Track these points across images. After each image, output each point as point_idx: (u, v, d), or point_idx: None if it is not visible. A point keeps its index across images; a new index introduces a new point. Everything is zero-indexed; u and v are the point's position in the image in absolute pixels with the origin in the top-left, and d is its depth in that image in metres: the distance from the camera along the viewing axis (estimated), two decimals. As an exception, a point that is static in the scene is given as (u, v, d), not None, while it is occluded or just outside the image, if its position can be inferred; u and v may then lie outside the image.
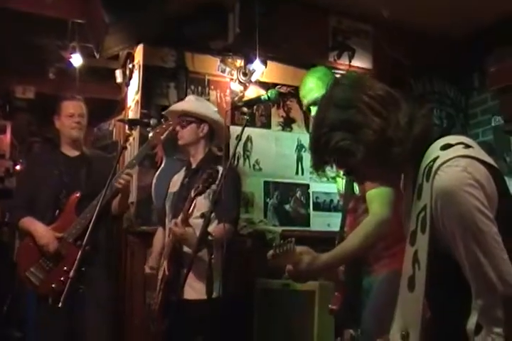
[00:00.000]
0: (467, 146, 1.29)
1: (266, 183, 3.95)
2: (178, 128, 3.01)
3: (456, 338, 1.22)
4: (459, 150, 1.28)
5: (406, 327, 1.31)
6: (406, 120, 1.34)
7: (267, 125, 4.11)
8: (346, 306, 2.34)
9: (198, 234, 2.52)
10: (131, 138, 3.54)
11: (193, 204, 2.63)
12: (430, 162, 1.29)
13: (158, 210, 3.46)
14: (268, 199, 3.91)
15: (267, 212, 3.94)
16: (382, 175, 1.44)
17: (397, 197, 2.16)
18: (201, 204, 2.73)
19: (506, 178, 4.00)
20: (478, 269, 1.19)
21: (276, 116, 4.16)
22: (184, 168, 3.11)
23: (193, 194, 2.59)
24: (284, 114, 4.18)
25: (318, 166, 1.43)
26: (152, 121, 3.25)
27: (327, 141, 1.35)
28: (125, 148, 3.10)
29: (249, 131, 3.97)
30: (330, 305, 2.38)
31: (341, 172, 1.49)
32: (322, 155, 1.39)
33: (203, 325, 2.64)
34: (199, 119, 2.97)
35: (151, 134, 3.20)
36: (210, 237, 2.47)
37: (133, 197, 3.56)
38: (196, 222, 2.67)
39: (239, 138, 2.65)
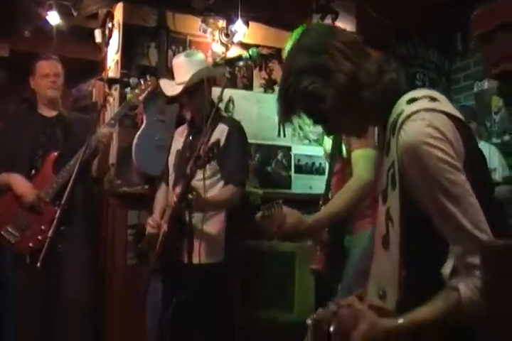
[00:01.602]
0: (433, 99, 1.29)
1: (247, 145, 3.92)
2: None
3: (433, 294, 1.23)
4: (424, 103, 1.27)
5: (383, 286, 1.32)
6: (375, 67, 1.33)
7: (248, 87, 4.08)
8: (329, 266, 2.36)
9: (204, 194, 2.51)
10: (110, 99, 3.49)
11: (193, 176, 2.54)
12: (396, 117, 1.28)
13: (141, 170, 3.44)
14: (249, 161, 3.89)
15: (248, 174, 3.90)
16: (353, 124, 1.42)
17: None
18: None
19: (486, 143, 4.04)
20: (451, 219, 1.20)
21: (259, 78, 4.12)
22: (187, 123, 3.03)
23: (192, 166, 2.49)
24: (266, 76, 4.14)
25: (287, 115, 1.40)
26: (132, 81, 3.20)
27: (296, 86, 1.33)
28: (104, 106, 3.06)
29: (231, 92, 3.93)
30: (312, 265, 2.40)
31: (327, 134, 1.47)
32: (291, 101, 1.36)
33: (198, 289, 2.62)
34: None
35: (130, 94, 3.16)
36: (190, 195, 2.44)
37: (113, 158, 3.52)
38: (199, 184, 2.58)
39: (219, 98, 2.62)
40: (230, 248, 2.84)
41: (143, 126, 3.54)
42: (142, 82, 3.17)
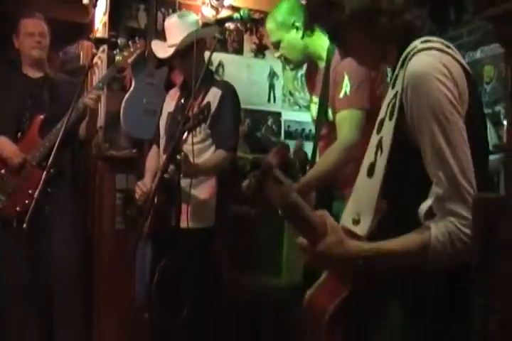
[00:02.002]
0: (448, 47, 1.28)
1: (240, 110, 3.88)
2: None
3: (406, 230, 1.23)
4: (439, 45, 1.27)
5: (359, 212, 1.32)
6: (402, 1, 1.32)
7: (239, 51, 4.01)
8: None
9: (193, 160, 2.47)
10: (98, 61, 3.42)
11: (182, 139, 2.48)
12: (408, 51, 1.27)
13: (129, 134, 3.41)
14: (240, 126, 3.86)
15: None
16: (366, 50, 1.40)
17: (368, 119, 2.14)
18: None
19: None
20: (440, 158, 1.19)
21: (249, 43, 4.05)
22: (179, 86, 2.99)
23: (181, 128, 2.43)
24: (257, 41, 4.08)
25: (310, 23, 1.50)
26: (120, 41, 3.14)
27: None
28: (91, 67, 2.99)
29: (220, 56, 3.88)
30: None
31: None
32: (314, 7, 1.40)
33: (188, 253, 2.62)
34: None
35: (118, 57, 3.09)
36: (178, 156, 2.41)
37: (101, 122, 3.48)
38: (190, 148, 2.52)
39: (208, 61, 2.57)
40: (220, 213, 2.82)
41: (131, 89, 3.48)
42: (131, 44, 3.10)
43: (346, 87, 2.22)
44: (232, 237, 3.42)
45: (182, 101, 2.88)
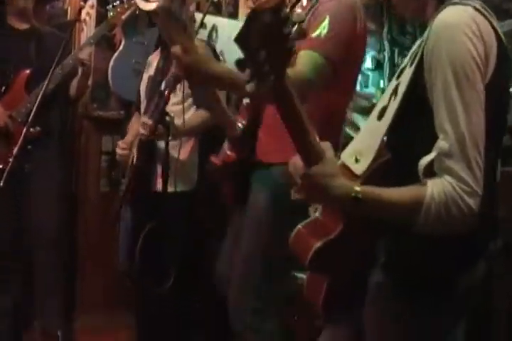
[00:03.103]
0: (484, 9, 1.22)
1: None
2: None
3: (411, 181, 1.18)
4: (477, 4, 1.21)
5: (361, 152, 1.27)
6: None
7: (234, 15, 3.89)
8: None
9: (177, 121, 2.40)
10: (87, 17, 3.28)
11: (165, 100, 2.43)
12: (443, 5, 1.23)
13: (117, 94, 3.32)
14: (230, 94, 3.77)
15: (229, 107, 3.80)
16: None
17: (334, 74, 1.94)
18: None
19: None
20: (450, 110, 1.14)
21: (245, 7, 3.91)
22: (160, 48, 2.88)
23: (163, 87, 2.40)
24: (253, 5, 3.95)
25: None
26: (110, -4, 3.01)
27: None
28: (78, 20, 2.89)
29: (215, 20, 3.74)
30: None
31: None
32: None
33: (168, 217, 2.58)
34: None
35: (112, 12, 2.97)
36: (167, 118, 2.34)
37: (88, 80, 3.36)
38: (173, 109, 2.49)
39: (201, 24, 2.48)
40: (202, 176, 2.78)
41: (120, 48, 3.38)
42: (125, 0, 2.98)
43: (324, 29, 1.94)
44: (216, 201, 3.38)
45: (162, 63, 2.79)
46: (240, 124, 2.20)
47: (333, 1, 1.95)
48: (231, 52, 3.78)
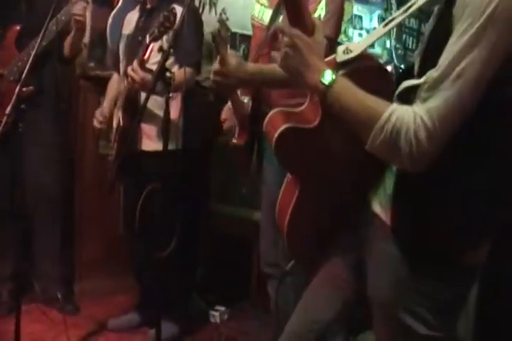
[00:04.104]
0: None
1: (232, 34, 3.61)
2: None
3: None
4: None
5: (351, 48, 1.25)
6: None
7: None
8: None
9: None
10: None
11: (149, 51, 2.40)
12: None
13: (111, 54, 3.21)
14: (234, 52, 3.64)
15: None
16: None
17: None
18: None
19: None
20: (457, 51, 1.05)
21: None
22: (138, 7, 2.82)
23: (148, 39, 2.36)
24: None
25: None
26: None
27: None
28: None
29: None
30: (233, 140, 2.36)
31: None
32: None
33: (160, 178, 2.52)
34: None
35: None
36: (168, 74, 2.25)
37: (86, 39, 3.26)
38: (155, 68, 2.38)
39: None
40: (188, 135, 2.75)
41: (119, 5, 3.24)
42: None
43: (322, 10, 2.07)
44: (218, 167, 3.32)
45: (142, 20, 2.73)
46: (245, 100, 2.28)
47: None
48: (234, 9, 3.63)
